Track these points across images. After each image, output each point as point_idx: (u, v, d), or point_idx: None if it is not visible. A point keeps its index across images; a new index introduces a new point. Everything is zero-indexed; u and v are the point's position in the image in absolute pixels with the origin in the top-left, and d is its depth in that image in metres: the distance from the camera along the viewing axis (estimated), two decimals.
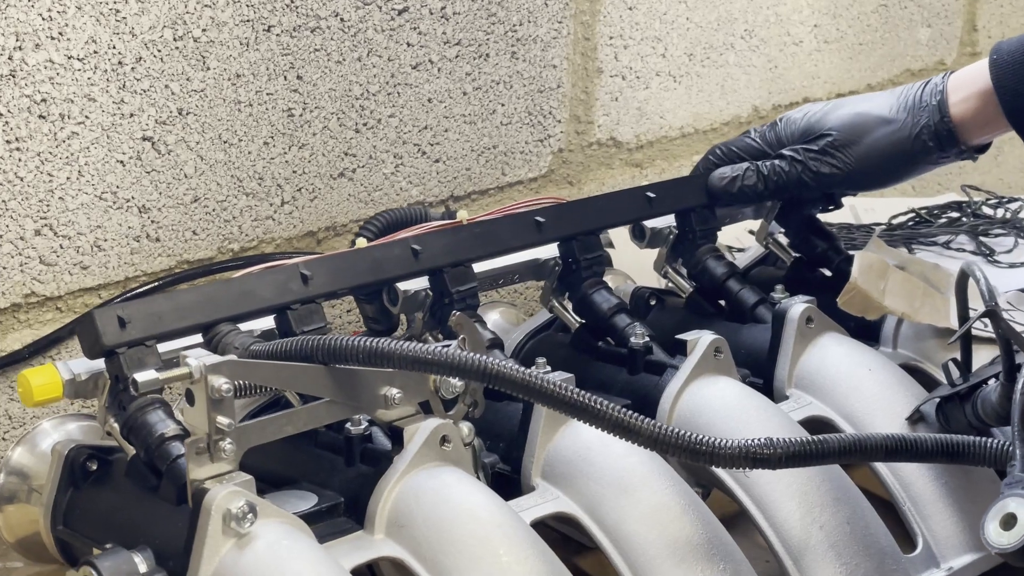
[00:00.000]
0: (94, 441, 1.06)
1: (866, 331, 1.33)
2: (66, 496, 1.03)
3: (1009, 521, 0.86)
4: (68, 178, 1.22)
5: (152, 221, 1.28)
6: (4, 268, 1.20)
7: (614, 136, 1.70)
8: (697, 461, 0.89)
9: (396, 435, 1.00)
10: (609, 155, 1.71)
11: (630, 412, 0.90)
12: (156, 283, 1.29)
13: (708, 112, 1.83)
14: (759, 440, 0.90)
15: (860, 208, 1.86)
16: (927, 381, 1.23)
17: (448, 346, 1.01)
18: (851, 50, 2.03)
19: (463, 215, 1.18)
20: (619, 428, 0.90)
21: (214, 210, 1.33)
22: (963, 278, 1.06)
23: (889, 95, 1.26)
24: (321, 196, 1.41)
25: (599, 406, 0.90)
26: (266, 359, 0.97)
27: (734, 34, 1.82)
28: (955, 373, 1.11)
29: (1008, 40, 1.20)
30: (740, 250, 1.55)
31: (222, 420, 0.90)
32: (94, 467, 1.03)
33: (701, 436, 0.90)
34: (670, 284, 1.35)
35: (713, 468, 1.10)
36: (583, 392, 0.90)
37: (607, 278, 1.49)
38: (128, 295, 1.27)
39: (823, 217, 1.39)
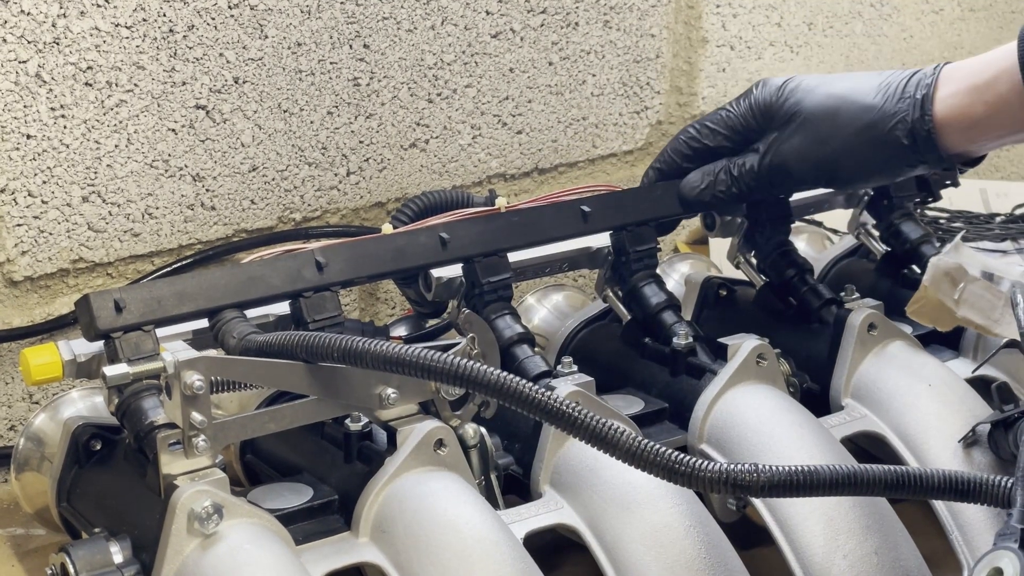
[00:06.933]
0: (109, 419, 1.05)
1: (947, 338, 1.25)
2: (71, 473, 1.03)
3: None
4: (116, 146, 1.21)
5: (207, 189, 1.27)
6: (51, 234, 1.20)
7: None
8: (675, 482, 0.83)
9: (391, 436, 0.97)
10: None
11: (610, 423, 0.84)
12: (211, 251, 1.28)
13: None
14: (743, 466, 0.83)
15: (991, 192, 1.74)
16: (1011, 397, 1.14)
17: (453, 346, 0.97)
18: (1001, 18, 1.90)
19: (501, 202, 1.13)
20: (597, 440, 0.84)
21: (273, 179, 1.31)
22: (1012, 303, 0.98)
23: (876, 77, 1.04)
24: (391, 167, 1.38)
25: (576, 414, 0.84)
26: (256, 352, 0.94)
27: (862, 2, 1.72)
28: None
29: None
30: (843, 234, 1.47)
31: (196, 416, 0.88)
32: (98, 447, 1.02)
33: (681, 456, 0.83)
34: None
35: None
36: (561, 399, 0.85)
37: (688, 261, 1.44)
38: (180, 262, 1.27)
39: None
